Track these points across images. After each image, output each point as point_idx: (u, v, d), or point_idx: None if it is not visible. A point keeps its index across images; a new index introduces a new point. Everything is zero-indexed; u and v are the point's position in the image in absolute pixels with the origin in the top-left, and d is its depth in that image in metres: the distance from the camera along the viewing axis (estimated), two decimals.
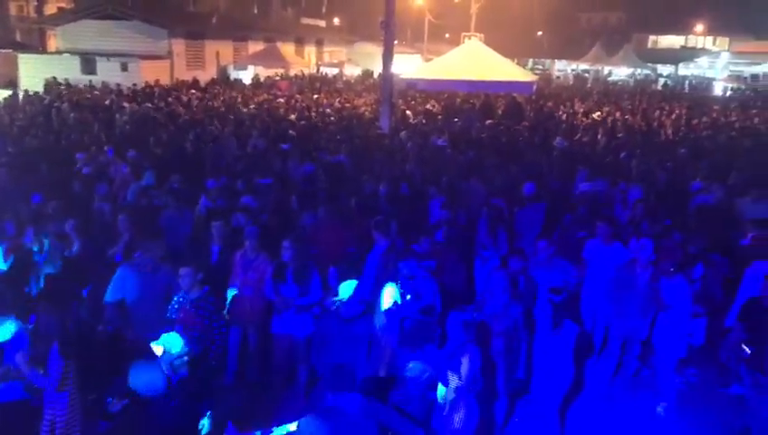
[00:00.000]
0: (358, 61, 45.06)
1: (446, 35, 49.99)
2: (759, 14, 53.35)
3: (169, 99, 23.34)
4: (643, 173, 11.72)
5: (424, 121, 20.05)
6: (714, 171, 11.74)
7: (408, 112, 22.05)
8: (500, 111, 22.45)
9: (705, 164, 12.60)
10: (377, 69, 32.85)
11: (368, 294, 6.58)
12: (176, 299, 6.17)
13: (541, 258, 7.26)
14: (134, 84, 27.41)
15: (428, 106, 24.12)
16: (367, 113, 21.64)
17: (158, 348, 5.00)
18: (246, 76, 34.95)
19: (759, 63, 49.16)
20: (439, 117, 21.84)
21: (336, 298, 6.40)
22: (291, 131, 16.15)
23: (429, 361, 5.65)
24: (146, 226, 8.22)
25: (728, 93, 38.10)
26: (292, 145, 13.94)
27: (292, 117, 19.90)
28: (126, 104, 21.20)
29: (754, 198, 9.74)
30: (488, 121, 20.02)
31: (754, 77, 47.31)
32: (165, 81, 30.65)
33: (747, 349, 6.15)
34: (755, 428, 6.16)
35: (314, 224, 8.49)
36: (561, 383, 6.19)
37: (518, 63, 42.08)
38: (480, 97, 24.41)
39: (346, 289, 6.48)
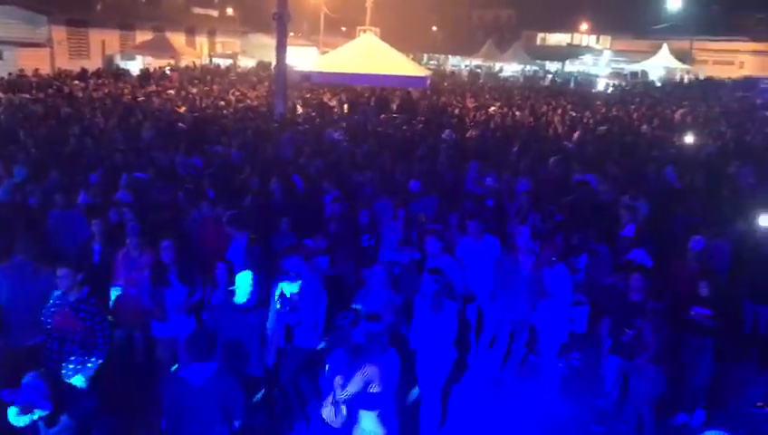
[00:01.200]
0: (252, 52, 44.22)
1: (343, 29, 49.95)
2: (637, 14, 56.60)
3: (50, 90, 22.06)
4: (530, 167, 12.08)
5: (313, 114, 19.95)
6: (593, 165, 12.27)
7: (297, 105, 21.89)
8: (395, 106, 22.66)
9: (587, 157, 13.17)
10: (272, 61, 32.40)
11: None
12: (51, 302, 5.79)
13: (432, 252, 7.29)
14: (9, 74, 25.73)
15: (325, 99, 24.03)
16: (261, 106, 21.28)
17: None
18: (135, 67, 33.54)
19: (638, 61, 52.01)
20: (335, 110, 21.83)
21: (232, 288, 6.22)
22: (181, 124, 15.64)
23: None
24: (24, 225, 7.69)
25: (610, 90, 40.06)
26: (181, 138, 13.49)
27: (183, 109, 19.29)
28: (0, 94, 19.87)
29: (632, 196, 10.22)
30: (383, 115, 20.19)
31: (634, 74, 50.00)
32: (45, 70, 28.94)
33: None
34: (634, 403, 6.49)
35: (201, 219, 8.23)
36: (443, 364, 6.28)
37: (413, 58, 42.70)
38: (376, 91, 24.57)
39: (242, 280, 6.31)
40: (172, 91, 23.97)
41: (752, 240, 8.75)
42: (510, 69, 52.58)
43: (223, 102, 21.56)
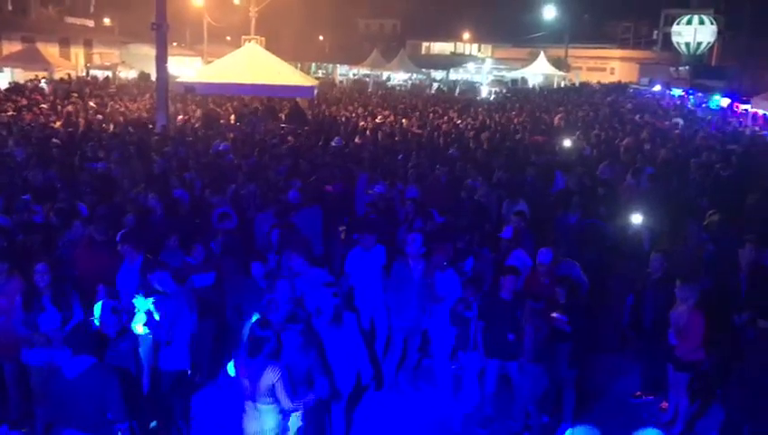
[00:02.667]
0: (133, 63, 42.58)
1: (228, 38, 49.01)
2: (515, 23, 59.04)
3: None
4: (418, 174, 12.27)
5: (197, 126, 19.47)
6: (481, 170, 12.61)
7: (180, 117, 21.27)
8: (283, 116, 22.47)
9: (474, 163, 13.52)
10: (154, 72, 31.34)
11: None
12: None
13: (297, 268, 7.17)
14: None
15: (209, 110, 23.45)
16: (142, 118, 20.52)
17: None
18: (3, 79, 31.52)
19: (518, 68, 54.22)
20: (221, 121, 21.37)
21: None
22: (55, 139, 14.81)
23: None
24: None
25: (492, 97, 41.45)
26: (58, 154, 12.79)
27: (58, 124, 18.31)
28: None
29: (511, 199, 10.59)
30: (271, 125, 19.98)
31: (514, 81, 52.07)
32: None
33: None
34: (519, 402, 6.69)
35: (75, 241, 7.81)
36: (347, 377, 6.26)
37: (301, 68, 42.54)
38: (264, 101, 24.28)
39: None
40: (45, 106, 22.68)
41: (626, 235, 9.25)
42: (397, 77, 53.42)
43: (101, 116, 20.62)
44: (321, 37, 62.78)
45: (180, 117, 21.22)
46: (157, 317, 6.10)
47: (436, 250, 7.71)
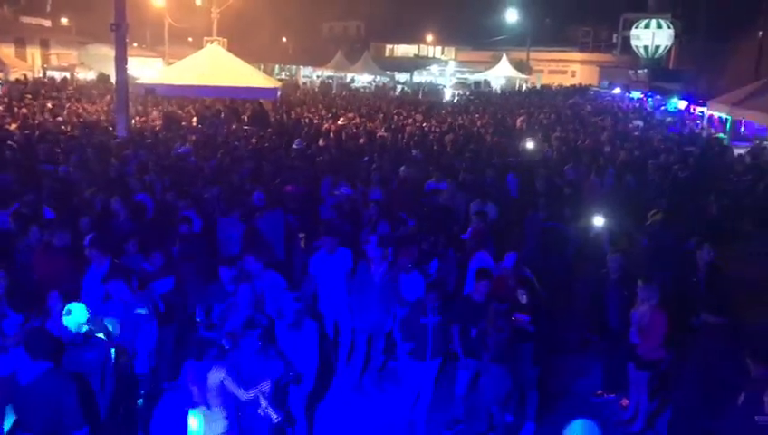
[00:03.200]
0: (92, 64, 41.84)
1: (189, 39, 48.45)
2: (478, 26, 59.53)
3: None
4: (382, 176, 12.26)
5: (158, 128, 19.22)
6: (445, 172, 12.67)
7: (137, 119, 20.98)
8: (246, 117, 22.30)
9: (437, 165, 13.58)
10: (113, 73, 30.80)
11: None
12: None
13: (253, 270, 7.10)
14: None
15: (172, 112, 23.18)
16: (102, 121, 20.17)
17: None
18: None
19: (481, 71, 54.67)
20: (183, 123, 21.12)
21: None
22: (10, 142, 14.45)
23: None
24: None
25: (456, 99, 41.72)
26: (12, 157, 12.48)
27: (14, 126, 17.89)
28: None
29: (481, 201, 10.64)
30: (234, 127, 19.82)
31: (477, 84, 52.49)
32: None
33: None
34: (484, 403, 6.72)
35: (32, 246, 7.63)
36: (305, 381, 6.23)
37: (264, 69, 42.28)
38: (226, 103, 24.07)
39: (76, 310, 5.88)
40: (0, 108, 22.15)
41: (588, 237, 9.38)
42: (361, 79, 53.43)
43: (59, 118, 20.20)
44: (284, 39, 62.42)
45: (137, 118, 20.90)
46: (110, 327, 5.97)
47: (401, 252, 7.74)
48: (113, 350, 5.88)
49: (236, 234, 8.98)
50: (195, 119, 22.29)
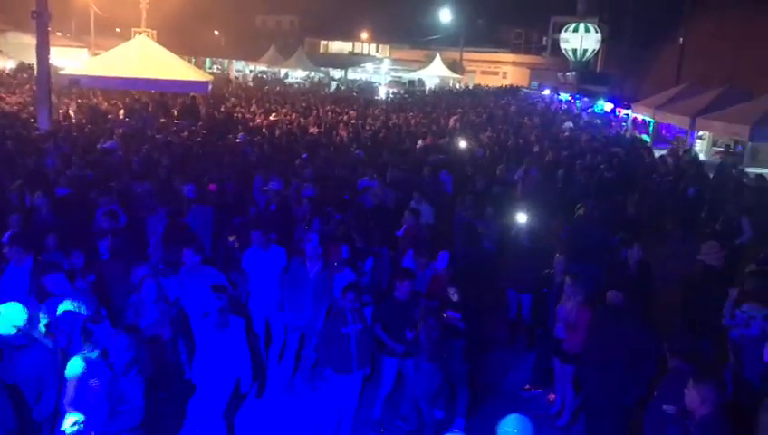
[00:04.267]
0: (11, 52, 40.05)
1: (117, 30, 46.95)
2: (412, 25, 59.96)
3: None
4: (316, 173, 12.20)
5: (83, 121, 18.58)
6: (380, 170, 12.70)
7: (70, 112, 20.24)
8: (176, 111, 21.79)
9: (372, 163, 13.61)
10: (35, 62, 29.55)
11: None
12: None
13: (189, 266, 6.95)
14: None
15: (97, 104, 22.43)
16: (22, 112, 19.34)
17: None
18: None
19: (415, 70, 55.04)
20: (109, 116, 20.47)
21: None
22: None
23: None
24: None
25: (390, 97, 41.85)
26: None
27: None
28: None
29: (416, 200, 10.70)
30: (162, 121, 19.35)
31: (411, 82, 52.82)
32: None
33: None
34: (414, 400, 6.76)
35: None
36: (230, 380, 6.15)
37: (195, 63, 41.41)
38: (155, 96, 23.47)
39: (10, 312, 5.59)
40: None
41: (513, 235, 9.55)
42: (295, 75, 52.97)
43: None
44: (216, 32, 61.27)
45: (61, 111, 20.16)
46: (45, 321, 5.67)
47: (332, 250, 7.71)
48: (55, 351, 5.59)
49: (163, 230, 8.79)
50: (122, 112, 21.64)
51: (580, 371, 6.71)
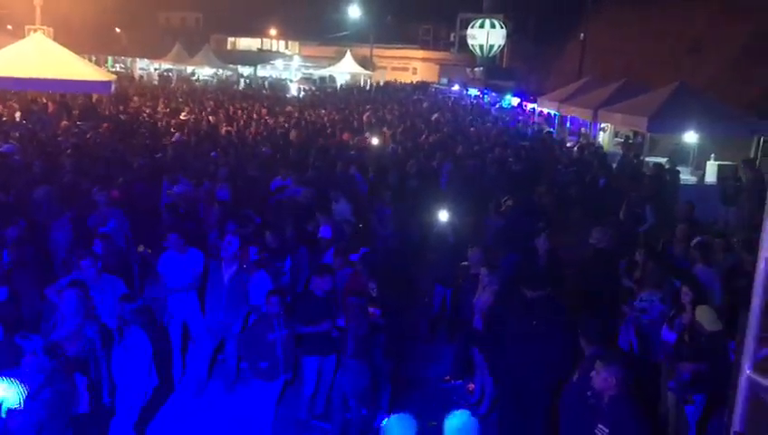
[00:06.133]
0: None
1: (9, 27, 44.56)
2: (321, 21, 59.78)
3: None
4: (230, 173, 11.97)
5: None
6: (292, 167, 12.59)
7: None
8: (76, 113, 20.91)
9: (285, 161, 13.50)
10: None
11: None
12: None
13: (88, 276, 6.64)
14: None
15: None
16: None
17: None
18: None
19: (325, 66, 54.85)
20: (4, 119, 19.43)
21: None
22: None
23: None
24: None
25: (301, 94, 41.57)
26: None
27: None
28: None
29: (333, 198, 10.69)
30: (64, 123, 18.53)
31: (323, 79, 52.61)
32: None
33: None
34: (341, 398, 6.77)
35: None
36: (142, 392, 5.99)
37: (96, 61, 39.80)
38: (55, 97, 22.42)
39: None
40: None
41: (436, 231, 9.70)
42: (203, 72, 51.78)
43: None
44: (117, 29, 59.06)
45: None
46: None
47: (244, 251, 7.64)
48: None
49: (68, 236, 8.45)
50: (18, 114, 20.55)
51: (495, 361, 6.88)
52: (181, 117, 22.62)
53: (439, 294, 9.11)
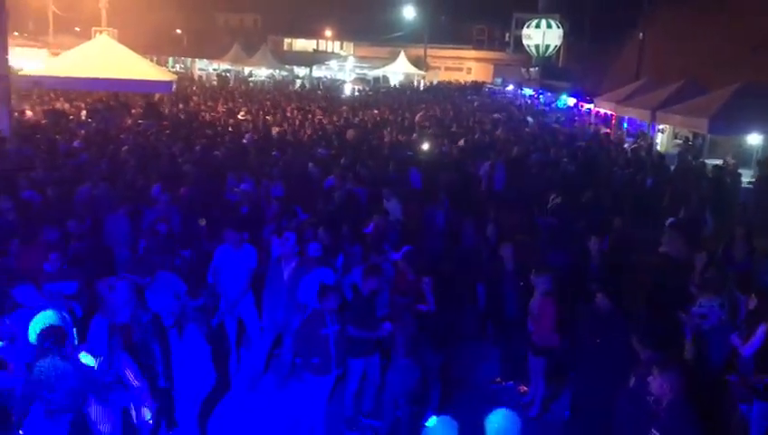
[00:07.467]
0: None
1: (77, 29, 46.14)
2: (376, 22, 60.02)
3: None
4: (285, 171, 12.19)
5: (45, 122, 18.27)
6: (346, 168, 12.74)
7: (29, 113, 19.88)
8: (138, 111, 21.57)
9: (339, 160, 13.66)
10: None
11: None
12: None
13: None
14: None
15: (58, 105, 22.09)
16: None
17: None
18: None
19: (379, 67, 55.11)
20: (72, 117, 20.18)
21: None
22: None
23: None
24: None
25: (355, 94, 41.88)
26: None
27: None
28: None
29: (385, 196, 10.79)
30: (128, 121, 19.15)
31: (377, 79, 52.89)
32: None
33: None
34: (392, 396, 6.82)
35: None
36: (202, 386, 6.13)
37: (157, 62, 40.86)
38: (118, 96, 23.16)
39: None
40: None
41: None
42: (259, 73, 52.64)
43: None
44: (178, 30, 60.52)
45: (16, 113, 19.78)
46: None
47: (304, 248, 7.74)
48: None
49: (125, 230, 8.74)
50: (84, 113, 21.32)
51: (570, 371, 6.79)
52: (239, 117, 23.07)
53: (483, 292, 9.05)
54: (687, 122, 17.47)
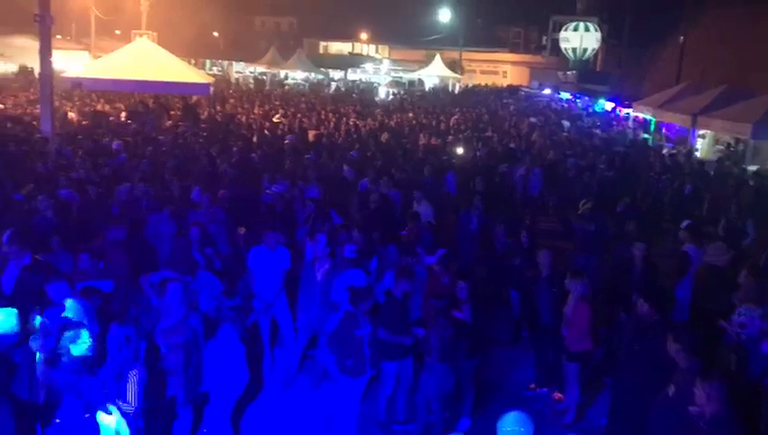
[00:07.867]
0: (12, 56, 40.05)
1: (117, 32, 47.00)
2: (411, 25, 60.01)
3: None
4: (319, 174, 12.25)
5: (86, 123, 18.63)
6: (380, 170, 12.75)
7: (71, 115, 20.29)
8: (176, 114, 21.88)
9: (373, 164, 13.68)
10: (36, 65, 29.51)
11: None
12: None
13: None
14: None
15: (99, 107, 22.52)
16: (24, 115, 19.41)
17: None
18: None
19: (414, 70, 55.06)
20: (111, 118, 20.58)
21: None
22: None
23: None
24: None
25: (390, 97, 41.90)
26: None
27: None
28: None
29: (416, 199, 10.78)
30: (168, 123, 19.44)
31: (411, 83, 52.85)
32: None
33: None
34: (425, 400, 6.78)
35: None
36: (236, 386, 6.16)
37: (195, 64, 41.46)
38: (159, 98, 23.55)
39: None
40: None
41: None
42: (295, 76, 53.01)
43: None
44: (215, 33, 61.30)
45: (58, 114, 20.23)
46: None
47: (338, 250, 7.76)
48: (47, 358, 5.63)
49: (166, 230, 8.84)
50: (123, 114, 21.71)
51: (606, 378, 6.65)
52: (274, 120, 23.26)
53: (517, 298, 8.97)
54: (730, 127, 17.10)
